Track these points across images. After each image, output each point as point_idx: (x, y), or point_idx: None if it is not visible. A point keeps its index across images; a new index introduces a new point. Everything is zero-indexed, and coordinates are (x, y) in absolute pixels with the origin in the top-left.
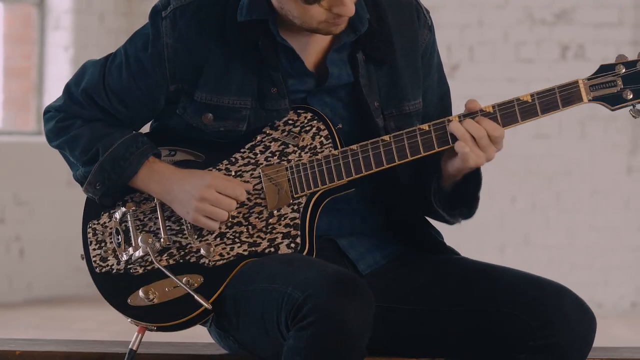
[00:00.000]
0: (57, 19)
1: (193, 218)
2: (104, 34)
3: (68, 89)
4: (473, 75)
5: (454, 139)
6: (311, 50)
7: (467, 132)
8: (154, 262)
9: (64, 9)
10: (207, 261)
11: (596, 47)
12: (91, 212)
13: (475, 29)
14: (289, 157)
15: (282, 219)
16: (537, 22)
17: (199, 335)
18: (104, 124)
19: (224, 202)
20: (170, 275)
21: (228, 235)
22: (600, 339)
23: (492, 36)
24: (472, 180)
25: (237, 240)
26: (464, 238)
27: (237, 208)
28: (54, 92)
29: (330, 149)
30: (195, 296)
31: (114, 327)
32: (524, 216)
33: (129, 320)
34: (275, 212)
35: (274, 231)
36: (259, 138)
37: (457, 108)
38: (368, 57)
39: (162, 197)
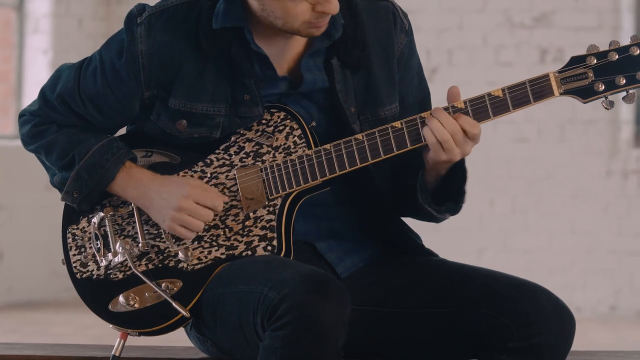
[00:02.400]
0: (36, 23)
1: (169, 226)
2: (83, 38)
3: (43, 93)
4: (452, 79)
5: None
6: (286, 56)
7: (440, 126)
8: (133, 268)
9: (42, 13)
10: (185, 265)
11: (575, 51)
12: (70, 217)
13: (455, 33)
14: (263, 158)
15: (259, 221)
16: (517, 25)
17: (178, 339)
18: (79, 129)
19: (202, 212)
20: (149, 282)
21: (205, 238)
22: (579, 343)
23: (471, 40)
24: (457, 173)
25: (214, 243)
26: (443, 241)
27: None
28: (32, 96)
29: (304, 148)
30: (173, 304)
31: (93, 331)
32: (503, 220)
33: (111, 326)
34: (251, 214)
35: (250, 234)
36: (233, 139)
37: None
38: (343, 63)
39: (138, 202)
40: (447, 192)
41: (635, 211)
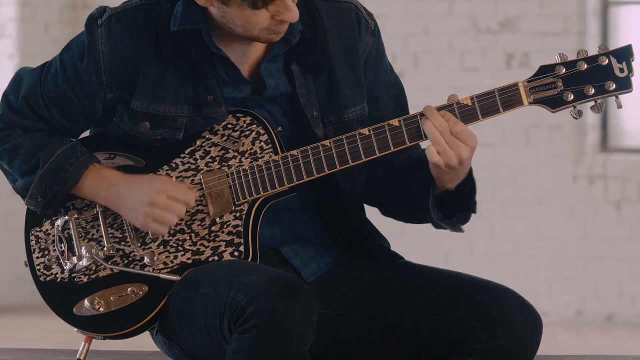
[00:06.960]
0: (2, 28)
1: (142, 223)
2: (49, 43)
3: (6, 98)
4: (418, 84)
5: (397, 143)
6: (247, 61)
7: (434, 129)
8: (110, 267)
9: (9, 18)
10: (151, 269)
11: (541, 56)
12: (33, 219)
13: (420, 38)
14: (230, 163)
15: (225, 226)
16: (482, 30)
17: (144, 344)
18: (43, 133)
19: (174, 207)
20: (137, 272)
21: (171, 243)
22: (546, 348)
23: (437, 45)
24: (465, 185)
25: (180, 248)
26: (409, 247)
27: None
28: None
29: (271, 153)
30: (161, 276)
31: (59, 336)
32: (468, 225)
33: (76, 329)
34: (217, 219)
35: (217, 239)
36: (198, 143)
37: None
38: (303, 67)
39: (109, 203)
40: (455, 203)
41: (601, 216)
